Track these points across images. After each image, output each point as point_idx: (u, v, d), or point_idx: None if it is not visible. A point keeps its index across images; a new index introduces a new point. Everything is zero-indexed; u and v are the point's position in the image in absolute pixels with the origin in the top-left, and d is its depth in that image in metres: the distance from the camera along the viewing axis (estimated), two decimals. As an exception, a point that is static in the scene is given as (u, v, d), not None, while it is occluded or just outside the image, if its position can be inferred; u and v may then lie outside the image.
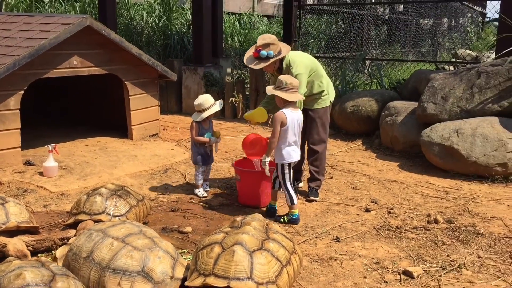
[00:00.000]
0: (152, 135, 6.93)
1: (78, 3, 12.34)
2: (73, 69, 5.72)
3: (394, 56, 14.28)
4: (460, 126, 5.69)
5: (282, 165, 4.21)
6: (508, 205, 4.76)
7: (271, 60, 4.37)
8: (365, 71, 10.83)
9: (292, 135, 4.16)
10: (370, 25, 14.31)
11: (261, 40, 4.41)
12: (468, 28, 20.90)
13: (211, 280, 2.73)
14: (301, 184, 5.19)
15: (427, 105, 6.14)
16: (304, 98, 4.47)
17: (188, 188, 5.08)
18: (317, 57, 10.81)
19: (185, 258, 3.30)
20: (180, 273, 2.92)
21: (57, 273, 2.51)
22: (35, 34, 5.38)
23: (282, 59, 4.51)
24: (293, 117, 4.15)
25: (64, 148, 6.06)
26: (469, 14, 21.84)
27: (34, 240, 3.45)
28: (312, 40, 11.09)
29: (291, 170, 4.29)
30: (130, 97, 6.46)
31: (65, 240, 3.52)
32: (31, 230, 3.55)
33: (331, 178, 5.56)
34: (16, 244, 3.36)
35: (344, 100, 7.50)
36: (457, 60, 10.03)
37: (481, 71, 5.98)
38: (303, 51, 10.42)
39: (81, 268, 2.86)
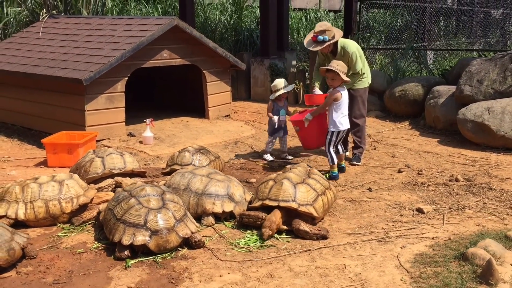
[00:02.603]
0: (225, 116, 8.24)
1: (160, 5, 13.96)
2: (163, 60, 7.13)
3: (459, 47, 14.68)
4: (491, 105, 6.46)
5: (332, 132, 5.28)
6: (527, 171, 5.54)
7: (326, 44, 5.49)
8: (425, 60, 11.51)
9: (345, 108, 5.30)
10: (432, 17, 14.80)
11: (318, 27, 5.53)
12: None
13: (266, 202, 3.91)
14: (347, 153, 6.21)
15: (464, 88, 6.94)
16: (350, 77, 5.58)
17: (254, 156, 6.28)
18: (376, 49, 11.73)
19: (250, 194, 4.51)
20: (248, 197, 4.16)
21: (165, 190, 3.80)
22: (135, 33, 6.83)
23: (336, 42, 5.59)
24: (345, 94, 5.30)
25: (155, 124, 7.48)
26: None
27: (143, 181, 4.79)
28: (368, 34, 11.92)
29: (337, 139, 5.35)
30: (207, 83, 7.80)
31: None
32: (140, 175, 4.92)
33: (374, 149, 6.55)
34: (127, 182, 4.68)
35: (393, 86, 8.39)
36: (502, 49, 10.46)
37: (514, 56, 6.69)
38: (363, 43, 11.33)
39: (181, 196, 4.10)
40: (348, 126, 5.43)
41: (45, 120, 6.97)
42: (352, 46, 5.62)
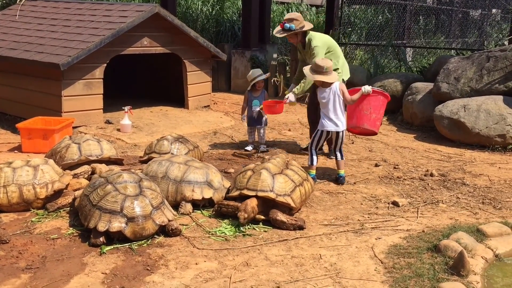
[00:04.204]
0: (204, 106, 8.20)
1: (141, -7, 13.75)
2: (143, 48, 7.05)
3: (438, 45, 14.89)
4: (467, 102, 6.57)
5: (317, 131, 5.00)
6: (499, 167, 5.67)
7: (291, 32, 5.49)
8: (404, 57, 11.64)
9: (327, 111, 4.87)
10: (412, 15, 14.96)
11: (287, 15, 5.58)
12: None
13: (244, 191, 3.91)
14: (324, 148, 6.25)
15: (441, 85, 7.04)
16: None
17: (233, 146, 6.27)
18: (357, 45, 11.82)
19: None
20: (227, 184, 4.17)
21: (143, 177, 3.77)
22: (115, 19, 6.72)
23: (305, 35, 5.58)
24: (325, 96, 4.87)
25: (134, 113, 7.39)
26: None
27: (121, 169, 4.73)
28: (350, 29, 11.99)
29: (322, 140, 5.00)
30: (187, 73, 7.74)
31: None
32: (118, 162, 4.86)
33: (352, 143, 6.61)
34: (101, 169, 4.61)
35: (372, 81, 8.46)
36: (479, 48, 10.65)
37: (490, 56, 6.82)
38: (344, 39, 11.39)
39: (159, 184, 4.06)
40: (336, 129, 4.89)
41: (20, 105, 6.83)
42: (318, 40, 5.54)
